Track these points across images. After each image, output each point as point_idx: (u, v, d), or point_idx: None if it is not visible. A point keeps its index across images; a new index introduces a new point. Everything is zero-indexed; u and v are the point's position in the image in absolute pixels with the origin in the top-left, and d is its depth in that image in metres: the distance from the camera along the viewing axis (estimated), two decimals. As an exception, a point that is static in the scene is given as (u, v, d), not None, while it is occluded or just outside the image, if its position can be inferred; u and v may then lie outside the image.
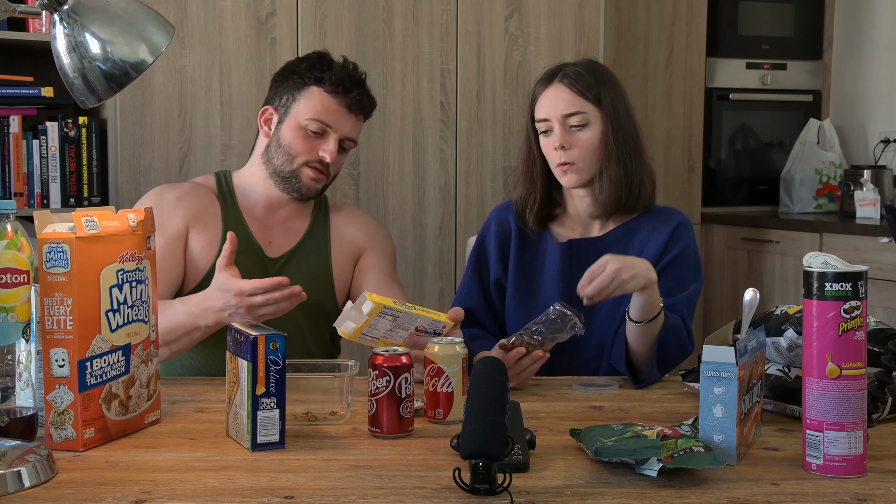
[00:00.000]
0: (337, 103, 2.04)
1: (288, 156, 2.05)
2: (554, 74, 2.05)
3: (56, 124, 3.03)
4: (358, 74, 2.09)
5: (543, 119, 2.03)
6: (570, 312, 1.78)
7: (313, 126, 2.04)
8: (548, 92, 2.03)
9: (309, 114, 2.04)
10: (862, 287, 1.26)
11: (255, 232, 2.10)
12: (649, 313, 1.82)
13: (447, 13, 3.33)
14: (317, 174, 2.06)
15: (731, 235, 4.20)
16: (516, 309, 2.05)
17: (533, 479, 1.26)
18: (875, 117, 4.34)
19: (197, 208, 2.08)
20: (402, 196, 3.32)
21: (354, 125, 2.08)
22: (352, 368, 1.56)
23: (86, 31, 1.41)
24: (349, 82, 2.05)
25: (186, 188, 2.13)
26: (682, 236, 2.04)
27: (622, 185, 2.01)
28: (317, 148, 2.05)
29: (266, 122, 2.11)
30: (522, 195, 2.11)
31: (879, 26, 4.32)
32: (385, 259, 2.18)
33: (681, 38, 4.23)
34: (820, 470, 1.28)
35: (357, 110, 2.07)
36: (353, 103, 2.05)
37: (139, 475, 1.27)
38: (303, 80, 2.06)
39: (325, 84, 2.04)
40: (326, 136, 2.05)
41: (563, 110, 2.00)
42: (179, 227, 2.05)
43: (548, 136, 2.03)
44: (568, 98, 2.01)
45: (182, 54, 3.08)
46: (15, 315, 1.32)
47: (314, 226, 2.15)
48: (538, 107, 2.04)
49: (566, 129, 2.00)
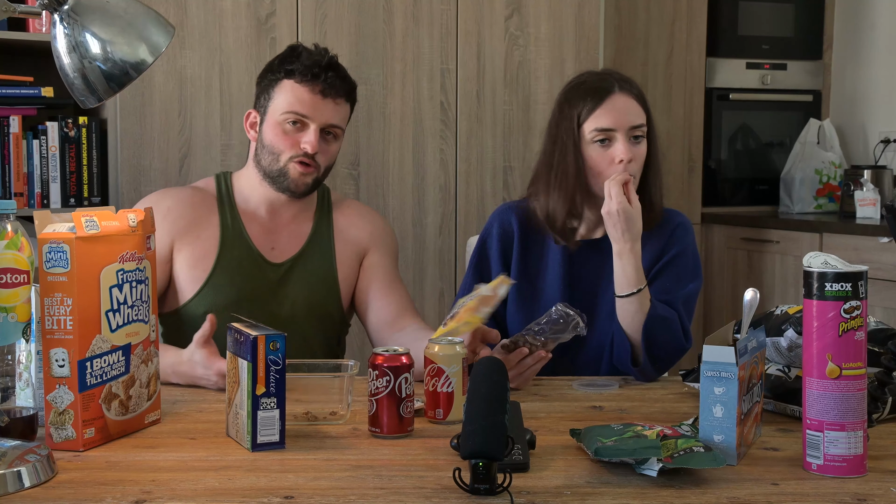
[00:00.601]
0: (309, 91, 1.98)
1: (273, 154, 2.01)
2: (606, 84, 1.98)
3: (56, 124, 3.03)
4: (328, 58, 2.01)
5: (607, 129, 1.95)
6: (572, 312, 1.79)
7: (290, 119, 1.99)
8: (613, 101, 1.96)
9: (284, 108, 1.99)
10: (862, 287, 1.26)
11: (255, 237, 2.06)
12: (626, 286, 1.88)
13: (447, 13, 3.33)
14: (304, 168, 2.01)
15: (731, 235, 4.20)
16: (518, 311, 2.05)
17: (533, 479, 1.26)
18: (875, 117, 4.34)
19: (187, 220, 2.04)
20: (402, 196, 3.32)
21: (333, 110, 2.01)
22: (352, 368, 1.56)
23: (86, 31, 1.41)
24: (317, 68, 1.98)
25: (183, 196, 2.08)
26: (682, 237, 2.04)
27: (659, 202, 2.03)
28: (298, 141, 2.00)
29: (251, 126, 2.07)
30: (561, 206, 2.01)
31: (879, 26, 4.32)
32: (389, 258, 2.15)
33: (681, 38, 4.23)
34: (820, 470, 1.28)
35: (333, 94, 2.00)
36: (326, 88, 1.99)
37: (139, 475, 1.27)
38: (276, 75, 2.02)
39: (294, 75, 1.99)
40: (306, 127, 2.00)
41: (632, 121, 1.96)
42: (163, 245, 2.00)
43: (604, 147, 1.96)
44: (636, 109, 1.98)
45: (182, 54, 3.08)
46: (15, 315, 1.32)
47: (318, 228, 2.11)
48: (599, 115, 1.96)
49: (629, 141, 1.97)
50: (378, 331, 2.07)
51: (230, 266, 2.02)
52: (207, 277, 2.02)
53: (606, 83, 1.99)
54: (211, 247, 2.03)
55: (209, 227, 2.05)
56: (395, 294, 2.09)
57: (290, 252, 2.08)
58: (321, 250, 2.10)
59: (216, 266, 2.02)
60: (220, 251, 2.03)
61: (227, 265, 2.02)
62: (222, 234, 2.05)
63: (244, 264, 2.02)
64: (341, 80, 2.02)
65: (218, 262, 2.02)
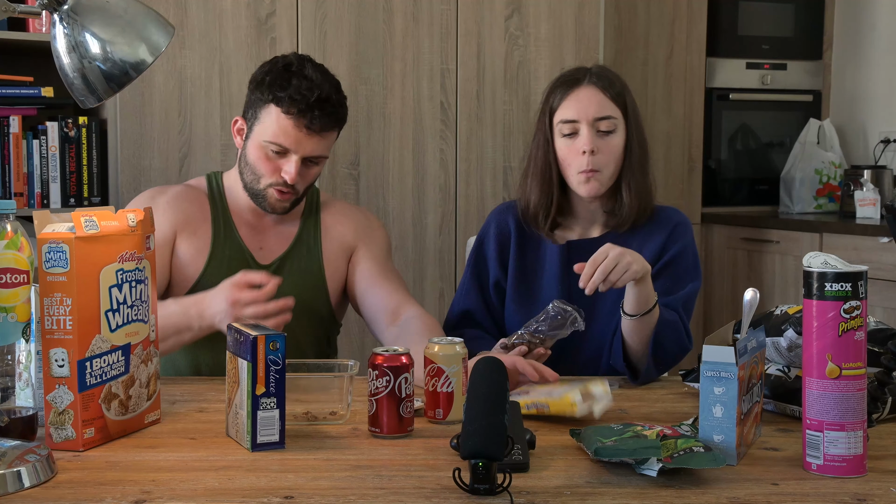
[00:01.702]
0: (294, 125, 1.93)
1: (254, 175, 2.00)
2: (577, 77, 2.01)
3: (56, 124, 3.03)
4: (319, 91, 1.94)
5: (571, 120, 1.98)
6: (570, 308, 1.79)
7: (273, 147, 1.96)
8: (577, 93, 1.99)
9: (267, 135, 1.96)
10: (862, 287, 1.26)
11: (245, 238, 2.07)
12: (644, 306, 1.81)
13: (447, 13, 3.33)
14: (281, 195, 1.99)
15: (731, 235, 4.20)
16: (516, 311, 2.05)
17: (533, 479, 1.26)
18: (875, 117, 4.34)
19: (186, 214, 2.05)
20: (402, 196, 3.32)
21: (318, 144, 1.97)
22: (352, 368, 1.56)
23: (86, 31, 1.41)
24: (304, 104, 1.92)
25: (178, 192, 2.10)
26: (681, 236, 2.03)
27: (642, 194, 2.01)
28: (280, 168, 1.97)
29: (238, 133, 2.06)
30: (537, 200, 2.05)
31: (879, 26, 4.32)
32: (378, 249, 2.13)
33: (681, 38, 4.23)
34: (820, 470, 1.28)
35: (318, 129, 1.95)
36: (312, 125, 1.94)
37: (139, 475, 1.27)
38: (264, 96, 1.97)
39: (282, 104, 1.93)
40: (288, 156, 1.97)
41: (596, 113, 1.97)
42: (167, 232, 2.02)
43: (572, 139, 1.98)
44: (600, 100, 1.97)
45: (182, 54, 3.08)
46: (15, 315, 1.32)
47: (304, 228, 2.11)
48: (564, 107, 1.99)
49: (595, 133, 1.97)
50: (376, 321, 2.05)
51: (221, 266, 2.02)
52: (199, 276, 2.02)
53: (578, 75, 2.02)
54: (203, 245, 2.04)
55: (203, 224, 2.06)
56: (389, 284, 2.07)
57: (277, 252, 2.08)
58: (308, 250, 2.10)
59: (208, 265, 2.03)
60: (212, 250, 2.04)
61: (219, 265, 2.03)
62: (214, 232, 2.06)
63: (234, 264, 2.02)
64: (328, 116, 1.96)
65: (210, 261, 2.03)
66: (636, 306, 1.81)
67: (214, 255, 2.04)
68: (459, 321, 2.08)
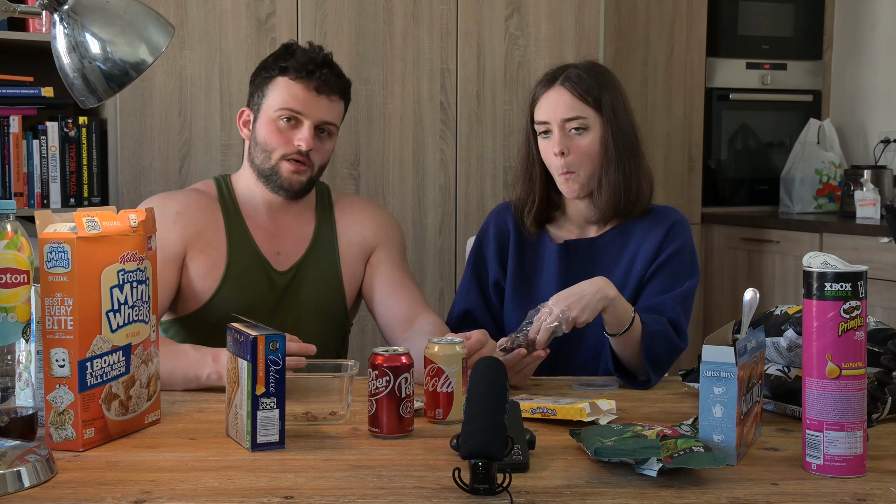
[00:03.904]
0: (304, 88, 1.97)
1: (265, 152, 1.99)
2: (555, 76, 2.03)
3: (56, 124, 3.04)
4: (322, 56, 2.00)
5: (543, 121, 2.02)
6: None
7: (285, 115, 1.97)
8: (548, 94, 2.01)
9: (278, 104, 1.97)
10: (862, 287, 1.26)
11: (261, 244, 2.03)
12: (621, 326, 1.81)
13: (447, 13, 3.33)
14: (296, 166, 1.98)
15: (731, 235, 4.20)
16: (514, 310, 2.05)
17: (533, 479, 1.26)
18: (875, 117, 4.34)
19: (198, 226, 2.01)
20: (402, 196, 3.32)
21: (328, 108, 1.99)
22: (352, 368, 1.56)
23: (86, 31, 1.41)
24: (312, 65, 1.97)
25: (188, 201, 2.04)
26: (678, 235, 2.03)
27: (620, 191, 2.00)
28: (292, 138, 1.98)
29: (245, 124, 2.05)
30: (521, 196, 2.10)
31: (879, 26, 4.32)
32: (397, 253, 2.13)
33: (681, 38, 4.23)
34: (820, 470, 1.28)
35: (327, 91, 1.98)
36: (321, 85, 1.97)
37: (139, 475, 1.27)
38: (269, 73, 2.00)
39: (289, 72, 1.97)
40: (300, 124, 1.98)
41: (563, 114, 1.99)
42: (177, 248, 1.98)
43: (547, 139, 2.02)
44: (568, 102, 1.99)
45: (182, 54, 3.08)
46: (15, 315, 1.32)
47: (320, 230, 2.08)
48: (538, 108, 2.03)
49: (565, 133, 1.99)
50: (391, 328, 2.04)
51: (239, 276, 2.00)
52: (217, 288, 1.99)
53: (550, 77, 2.04)
54: (219, 255, 2.00)
55: (216, 232, 2.02)
56: (406, 291, 2.06)
57: (294, 257, 2.05)
58: (325, 253, 2.08)
59: (225, 276, 1.99)
60: (229, 260, 2.00)
61: (237, 276, 2.00)
62: (229, 240, 2.02)
63: (252, 273, 2.00)
64: (336, 76, 2.01)
65: (227, 272, 2.00)
66: (613, 328, 1.82)
67: (231, 266, 2.00)
68: (460, 321, 2.08)
